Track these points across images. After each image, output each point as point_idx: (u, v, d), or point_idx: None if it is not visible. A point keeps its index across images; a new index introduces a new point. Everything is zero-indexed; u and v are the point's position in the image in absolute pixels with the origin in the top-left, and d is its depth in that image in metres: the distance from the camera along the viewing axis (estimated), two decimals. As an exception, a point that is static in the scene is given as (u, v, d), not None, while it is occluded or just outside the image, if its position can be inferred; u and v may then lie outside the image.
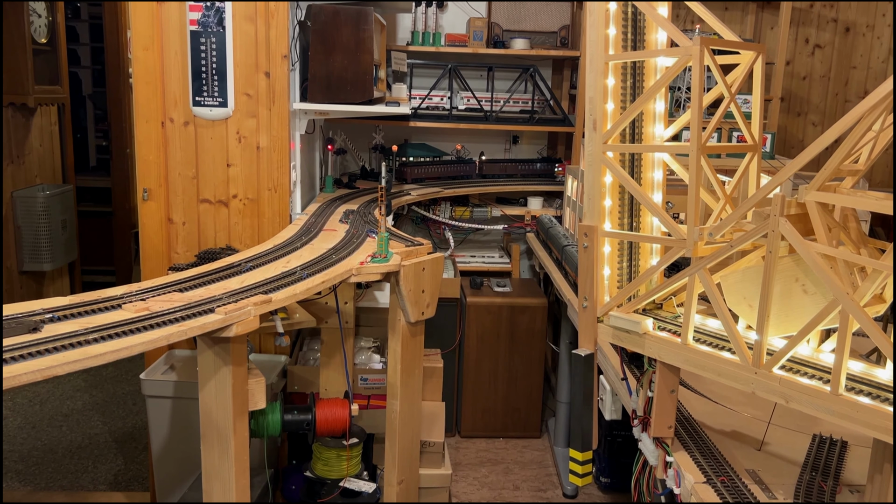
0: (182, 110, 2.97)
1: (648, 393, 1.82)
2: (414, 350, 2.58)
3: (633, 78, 1.85)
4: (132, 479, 3.48)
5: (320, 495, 2.77)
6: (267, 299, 1.92)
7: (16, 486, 3.37)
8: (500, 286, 4.05)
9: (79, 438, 3.84)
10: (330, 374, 2.96)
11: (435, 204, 4.24)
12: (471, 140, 4.56)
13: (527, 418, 4.04)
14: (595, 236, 1.83)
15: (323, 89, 3.09)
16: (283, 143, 3.00)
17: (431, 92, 4.26)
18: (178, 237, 3.07)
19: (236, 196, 3.03)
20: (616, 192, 1.87)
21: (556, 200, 4.39)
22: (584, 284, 1.85)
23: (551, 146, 4.71)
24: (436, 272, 2.55)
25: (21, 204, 4.50)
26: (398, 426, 2.60)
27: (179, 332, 1.71)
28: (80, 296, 1.86)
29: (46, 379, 1.47)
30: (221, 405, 2.01)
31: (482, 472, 3.70)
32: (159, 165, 3.00)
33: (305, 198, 3.38)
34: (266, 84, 2.96)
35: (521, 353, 3.95)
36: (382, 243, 2.34)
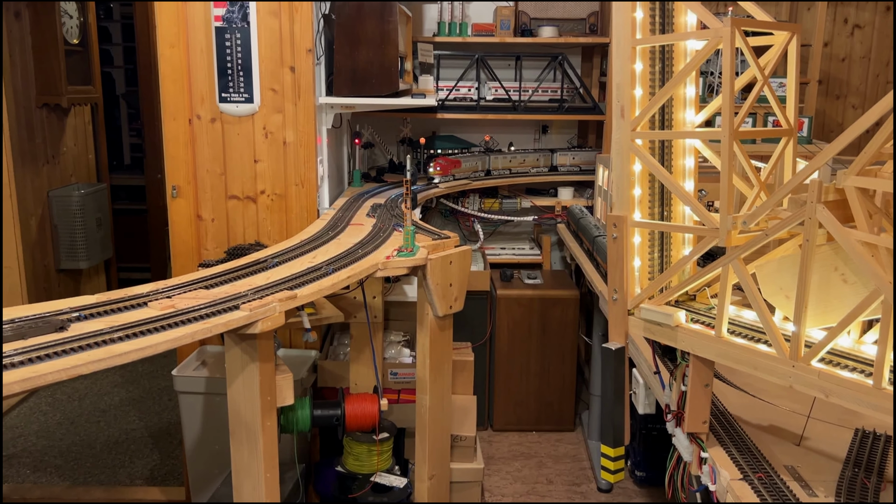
0: (209, 107, 2.97)
1: (682, 387, 1.77)
2: (443, 344, 2.55)
3: (661, 62, 1.79)
4: (168, 474, 3.51)
5: (352, 490, 2.76)
6: (292, 295, 1.91)
7: (55, 482, 3.43)
8: (530, 278, 4.00)
9: (116, 434, 3.89)
10: (360, 369, 2.95)
11: (463, 196, 4.20)
12: (499, 131, 4.52)
13: (560, 412, 3.99)
14: (624, 226, 1.78)
15: (348, 83, 3.07)
16: (310, 138, 2.99)
17: (459, 83, 4.22)
18: (207, 234, 3.09)
19: (264, 192, 3.03)
20: (646, 180, 1.81)
21: (587, 190, 4.32)
22: (614, 276, 1.81)
23: (581, 135, 4.64)
24: (463, 265, 2.51)
25: (57, 203, 4.57)
26: (428, 421, 2.58)
27: (204, 330, 1.71)
28: (107, 294, 1.86)
29: (73, 378, 1.47)
30: (249, 402, 2.01)
31: (515, 466, 3.67)
32: (187, 163, 3.01)
33: (333, 192, 3.37)
34: (291, 79, 2.96)
35: (553, 346, 3.91)
36: (408, 237, 2.31)
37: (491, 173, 4.08)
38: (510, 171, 4.18)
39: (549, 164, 4.32)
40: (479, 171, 4.02)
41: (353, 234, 2.57)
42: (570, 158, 4.31)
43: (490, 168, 4.09)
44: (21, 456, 3.65)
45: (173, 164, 3.02)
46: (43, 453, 3.68)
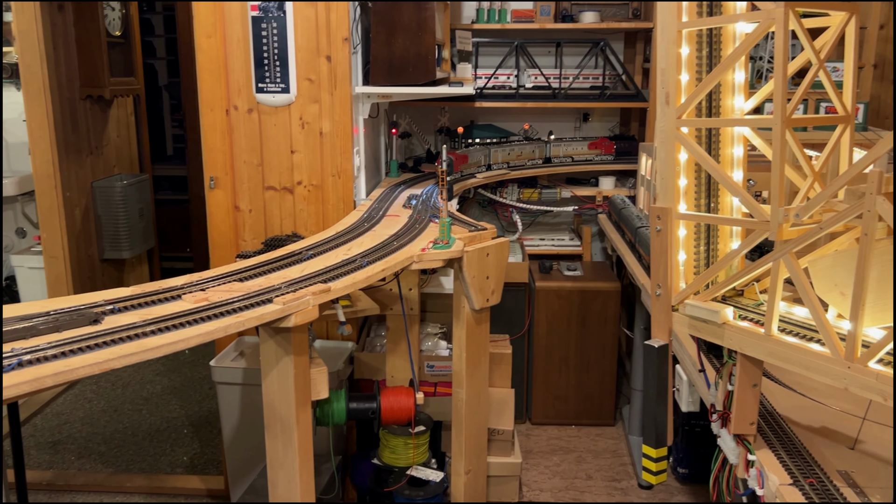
0: (246, 97, 2.96)
1: (728, 386, 1.69)
2: (479, 338, 2.50)
3: (709, 46, 1.71)
4: (207, 462, 3.54)
5: (387, 483, 2.74)
6: (326, 288, 1.88)
7: (99, 469, 3.48)
8: (570, 270, 3.93)
9: (157, 422, 3.94)
10: (396, 362, 2.92)
11: (502, 186, 4.14)
12: (539, 119, 4.44)
13: (600, 406, 3.92)
14: (669, 219, 1.70)
15: (385, 72, 3.03)
16: (346, 128, 2.96)
17: (497, 71, 4.15)
18: (244, 225, 3.08)
19: (301, 183, 3.02)
20: (692, 170, 1.74)
21: (630, 180, 4.22)
22: (658, 270, 1.73)
23: (624, 123, 4.53)
24: (500, 258, 2.46)
25: (100, 194, 4.63)
26: (464, 415, 2.54)
27: (237, 324, 1.69)
28: (142, 286, 1.86)
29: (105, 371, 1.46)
30: (284, 395, 1.99)
31: (553, 461, 3.61)
32: (225, 154, 3.01)
33: (370, 183, 3.34)
34: (328, 68, 2.92)
35: (594, 339, 3.83)
36: (444, 229, 2.27)
37: (491, 167, 3.93)
38: (508, 164, 4.01)
39: (543, 156, 4.16)
40: (481, 165, 3.90)
41: (388, 226, 2.54)
42: (562, 149, 4.17)
43: (490, 162, 3.93)
44: (66, 442, 3.72)
45: (211, 156, 3.02)
46: (87, 440, 3.74)
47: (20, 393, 1.33)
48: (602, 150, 4.11)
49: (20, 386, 1.33)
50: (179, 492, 3.29)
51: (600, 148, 4.08)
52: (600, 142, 4.07)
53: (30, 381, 1.34)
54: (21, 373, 1.36)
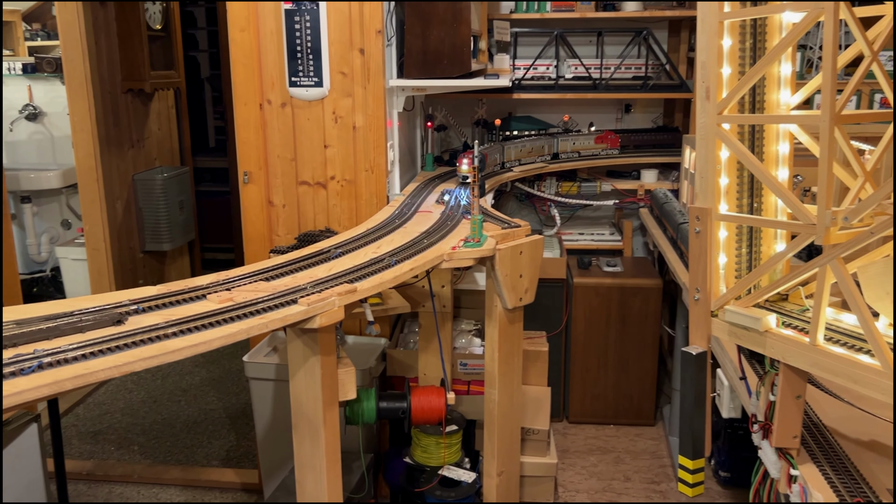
0: (279, 91, 2.94)
1: (770, 397, 1.61)
2: (512, 337, 2.45)
3: (752, 38, 1.62)
4: (243, 455, 3.56)
5: (419, 482, 2.71)
6: (352, 289, 1.84)
7: (137, 459, 3.53)
8: (610, 266, 3.83)
9: (195, 413, 3.98)
10: (428, 359, 2.88)
11: (540, 179, 4.06)
12: (579, 110, 4.33)
13: (639, 405, 3.83)
14: (709, 220, 1.62)
15: (419, 64, 2.97)
16: (380, 122, 2.92)
17: (536, 61, 4.06)
18: (278, 220, 3.07)
19: (334, 177, 2.99)
20: (734, 168, 1.65)
21: (673, 173, 4.10)
22: (696, 274, 1.65)
23: (667, 114, 4.40)
24: (535, 255, 2.40)
25: (141, 186, 4.69)
26: (497, 416, 2.49)
27: (260, 325, 1.66)
28: (167, 285, 1.85)
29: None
30: (311, 396, 1.97)
31: (591, 461, 3.54)
32: (258, 148, 2.99)
33: (405, 177, 3.30)
34: (361, 61, 2.88)
35: (633, 337, 3.73)
36: (476, 226, 2.21)
37: (505, 165, 3.73)
38: (519, 161, 3.81)
39: (551, 152, 3.96)
40: (497, 163, 3.74)
41: (420, 222, 2.49)
42: (570, 144, 3.99)
43: (504, 160, 3.73)
44: (107, 433, 3.77)
45: (245, 150, 3.01)
46: (127, 430, 3.80)
47: (39, 396, 1.32)
48: (608, 145, 3.96)
49: (40, 389, 1.32)
50: (214, 484, 3.31)
51: (606, 142, 3.94)
52: (606, 135, 3.93)
53: (49, 385, 1.33)
54: (41, 375, 1.35)
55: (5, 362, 1.37)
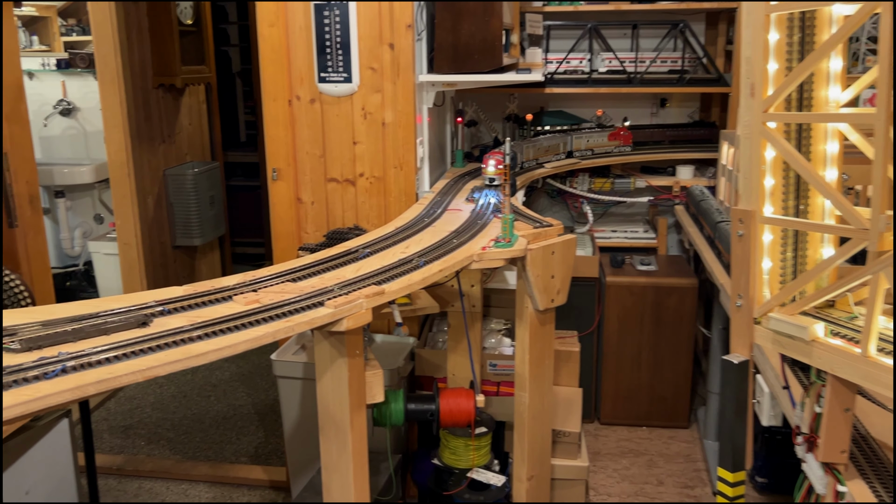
0: (308, 87, 2.91)
1: (816, 408, 1.53)
2: (543, 339, 2.39)
3: (801, 31, 1.53)
4: (271, 452, 3.55)
5: (448, 485, 2.67)
6: (379, 291, 1.80)
7: (167, 455, 3.54)
8: (643, 264, 3.74)
9: (224, 409, 3.98)
10: (457, 360, 2.83)
11: (572, 175, 3.98)
12: (613, 105, 4.25)
13: (673, 407, 3.74)
14: (752, 223, 1.55)
15: (449, 59, 2.92)
16: (409, 119, 2.87)
17: (569, 55, 3.98)
18: (307, 217, 3.04)
19: (363, 174, 2.95)
20: (779, 169, 1.57)
21: (710, 169, 4.00)
22: (739, 279, 1.58)
23: (704, 109, 4.29)
24: (567, 256, 2.33)
25: (172, 181, 4.70)
26: (527, 419, 2.44)
27: (286, 328, 1.63)
28: (194, 286, 1.82)
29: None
30: (338, 398, 1.93)
31: (623, 464, 3.47)
32: (287, 145, 2.96)
33: (435, 173, 3.25)
34: (391, 56, 2.84)
35: (668, 338, 3.65)
36: (507, 226, 2.15)
37: (523, 166, 3.58)
38: (537, 161, 3.65)
39: (566, 150, 3.79)
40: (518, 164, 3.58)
41: (449, 221, 2.44)
42: (584, 142, 3.84)
43: (522, 161, 3.56)
44: (137, 427, 3.79)
45: (274, 146, 2.98)
46: (157, 425, 3.81)
47: (62, 401, 1.30)
48: (621, 142, 3.84)
49: (63, 394, 1.30)
50: (242, 481, 3.31)
51: (618, 139, 3.81)
52: (618, 132, 3.80)
53: (72, 389, 1.30)
54: (65, 379, 1.33)
55: (30, 365, 1.35)
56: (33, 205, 3.19)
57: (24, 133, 3.13)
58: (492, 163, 2.77)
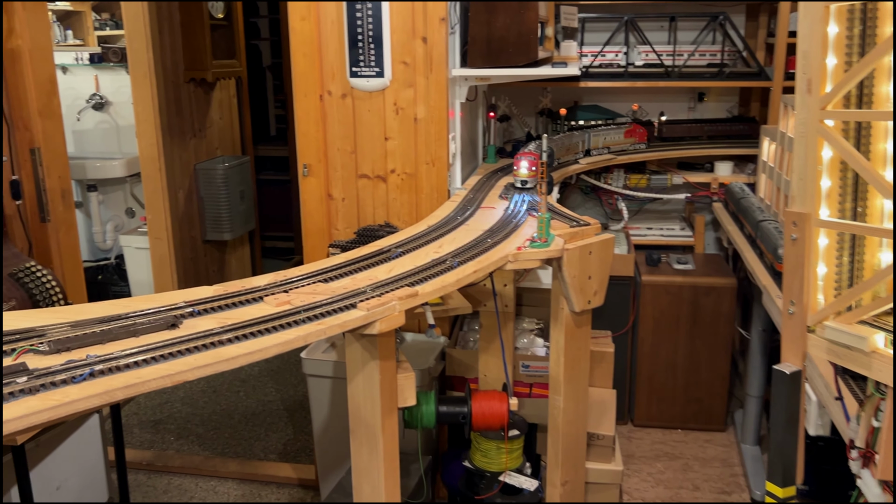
0: (339, 82, 2.86)
1: (874, 423, 1.45)
2: (579, 341, 2.32)
3: (862, 24, 1.45)
4: (300, 450, 3.53)
5: (479, 488, 2.61)
6: (413, 293, 1.75)
7: (196, 451, 3.53)
8: (680, 263, 3.65)
9: (254, 405, 3.97)
10: (489, 360, 2.78)
11: (607, 171, 3.89)
12: (649, 100, 4.15)
13: (710, 410, 3.65)
14: (807, 226, 1.46)
15: (483, 53, 2.85)
16: (441, 114, 2.82)
17: (605, 48, 3.89)
18: (337, 213, 3.00)
19: (394, 171, 2.90)
20: (836, 169, 1.49)
21: (749, 165, 3.88)
22: (792, 285, 1.50)
23: (743, 104, 4.17)
24: (605, 256, 2.26)
25: (203, 176, 4.70)
26: (561, 423, 2.37)
27: (318, 332, 1.58)
28: (224, 286, 1.79)
29: (178, 384, 1.39)
30: (369, 401, 1.89)
31: (657, 468, 3.39)
32: (318, 140, 2.92)
33: (466, 169, 3.19)
34: (423, 50, 2.78)
35: (705, 339, 3.55)
36: (542, 226, 2.09)
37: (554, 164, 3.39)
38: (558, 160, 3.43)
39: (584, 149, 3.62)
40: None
41: (482, 219, 2.38)
42: (602, 139, 3.67)
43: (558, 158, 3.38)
44: (167, 422, 3.80)
45: (305, 142, 2.94)
46: (186, 420, 3.81)
47: (90, 406, 1.27)
48: (636, 139, 3.71)
49: (91, 399, 1.26)
50: (271, 479, 3.29)
51: (634, 136, 3.69)
52: (634, 129, 3.68)
53: (100, 395, 1.27)
54: (94, 384, 1.30)
55: (58, 368, 1.32)
56: (65, 200, 3.19)
57: (56, 128, 3.13)
58: (524, 164, 2.61)
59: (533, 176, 2.59)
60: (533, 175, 2.59)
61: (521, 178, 2.63)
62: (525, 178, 2.62)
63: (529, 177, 2.61)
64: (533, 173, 2.58)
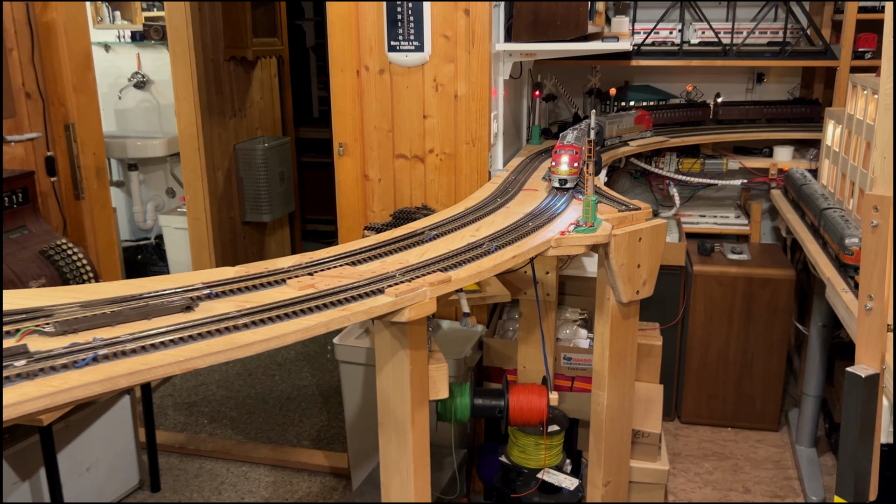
0: (377, 57, 2.74)
1: (963, 436, 1.28)
2: (626, 334, 2.17)
3: (964, -22, 1.26)
4: (333, 437, 3.45)
5: (516, 485, 2.49)
6: (445, 278, 1.62)
7: (229, 434, 3.48)
8: (735, 252, 3.45)
9: (288, 389, 3.91)
10: (529, 351, 2.64)
11: (658, 155, 3.70)
12: (704, 79, 3.93)
13: (762, 408, 3.45)
14: (890, 211, 1.29)
15: (529, 26, 2.69)
16: (483, 91, 2.67)
17: (658, 25, 3.69)
18: (373, 195, 2.89)
19: (432, 151, 2.77)
20: (925, 147, 1.31)
21: (811, 150, 3.65)
22: (871, 278, 1.33)
23: (805, 85, 3.93)
24: (655, 243, 2.10)
25: (242, 156, 4.64)
26: (605, 421, 2.23)
27: (341, 318, 1.47)
28: (247, 266, 1.68)
29: (188, 371, 1.29)
30: (399, 393, 1.77)
31: (705, 468, 3.21)
32: (355, 118, 2.81)
33: (509, 151, 3.05)
34: (465, 23, 2.63)
35: (759, 334, 3.35)
36: (589, 209, 1.94)
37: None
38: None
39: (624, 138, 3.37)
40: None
41: (524, 202, 2.23)
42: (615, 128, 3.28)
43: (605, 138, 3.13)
44: (201, 405, 3.76)
45: (341, 120, 2.84)
46: (221, 403, 3.77)
47: (90, 394, 1.17)
48: (644, 126, 3.46)
49: (91, 386, 1.17)
50: (303, 466, 3.21)
51: (642, 123, 3.44)
52: (641, 116, 3.43)
53: (101, 381, 1.17)
54: (95, 369, 1.20)
55: (60, 351, 1.23)
56: (100, 177, 3.15)
57: (91, 103, 3.08)
58: (565, 159, 2.18)
59: (575, 173, 2.20)
60: (575, 172, 2.20)
61: (560, 175, 2.20)
62: (565, 175, 2.19)
63: (570, 174, 2.19)
64: (575, 170, 2.20)
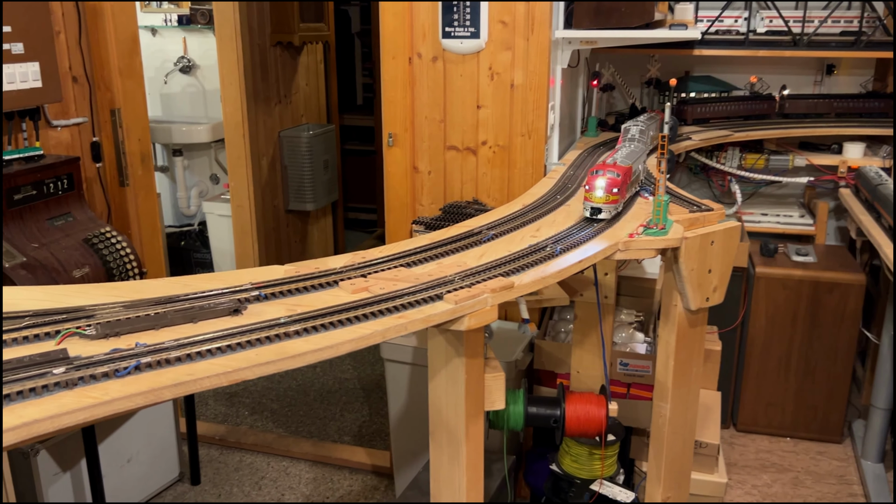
0: (431, 43, 2.63)
1: None
2: (692, 343, 2.03)
3: None
4: (375, 433, 3.37)
5: (568, 495, 2.38)
6: (508, 284, 1.51)
7: (270, 427, 3.43)
8: (800, 254, 3.27)
9: (330, 382, 3.84)
10: (583, 356, 2.51)
11: (720, 149, 3.53)
12: (769, 71, 3.73)
13: (825, 418, 3.28)
14: None
15: (591, 12, 2.55)
16: (541, 80, 2.54)
17: (723, 13, 3.50)
18: (423, 187, 2.79)
19: (486, 143, 2.65)
20: None
21: (884, 147, 3.44)
22: None
23: (879, 77, 3.70)
24: (728, 246, 1.96)
25: (287, 143, 4.57)
26: (666, 434, 2.09)
27: (398, 326, 1.37)
28: (297, 265, 1.59)
29: (236, 382, 1.20)
30: (452, 402, 1.67)
31: (763, 480, 3.06)
32: (405, 108, 2.70)
33: (564, 143, 2.91)
34: (525, 9, 2.50)
35: (824, 341, 3.18)
36: (659, 210, 1.80)
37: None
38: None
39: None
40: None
41: (587, 201, 2.10)
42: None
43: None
44: (243, 395, 3.71)
45: (391, 109, 2.73)
46: (262, 395, 3.72)
47: (132, 406, 1.09)
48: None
49: (133, 398, 1.09)
50: (345, 463, 3.14)
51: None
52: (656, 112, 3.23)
53: (144, 394, 1.09)
54: (138, 379, 1.12)
55: (101, 358, 1.15)
56: (145, 163, 3.09)
57: (137, 88, 3.02)
58: (600, 183, 1.78)
59: (615, 201, 1.81)
60: (615, 200, 1.81)
61: (593, 202, 1.78)
62: (600, 203, 1.78)
63: (608, 203, 1.78)
64: (615, 198, 1.80)
